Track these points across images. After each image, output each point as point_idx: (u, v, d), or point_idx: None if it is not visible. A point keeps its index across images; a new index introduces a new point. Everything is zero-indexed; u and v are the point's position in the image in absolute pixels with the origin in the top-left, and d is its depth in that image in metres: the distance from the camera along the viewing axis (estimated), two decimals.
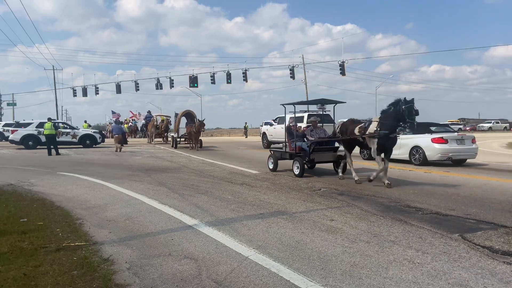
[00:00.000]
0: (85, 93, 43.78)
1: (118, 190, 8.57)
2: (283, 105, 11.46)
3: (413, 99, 8.35)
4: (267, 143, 23.59)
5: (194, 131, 21.55)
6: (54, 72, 52.11)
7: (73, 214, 6.46)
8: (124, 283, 3.59)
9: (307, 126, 11.90)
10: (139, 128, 43.10)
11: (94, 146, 24.33)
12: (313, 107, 13.84)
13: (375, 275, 3.66)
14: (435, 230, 5.17)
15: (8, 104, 57.79)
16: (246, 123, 50.54)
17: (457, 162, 13.47)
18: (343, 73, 37.05)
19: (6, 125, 33.50)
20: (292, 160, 10.79)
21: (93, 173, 11.47)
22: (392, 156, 14.36)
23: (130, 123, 43.50)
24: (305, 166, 10.77)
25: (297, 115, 21.00)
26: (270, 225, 5.53)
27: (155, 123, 30.00)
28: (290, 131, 11.32)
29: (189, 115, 24.66)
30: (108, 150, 21.86)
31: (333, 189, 8.48)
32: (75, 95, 44.80)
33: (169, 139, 29.24)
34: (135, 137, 41.45)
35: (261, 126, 30.26)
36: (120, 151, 20.55)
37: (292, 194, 7.91)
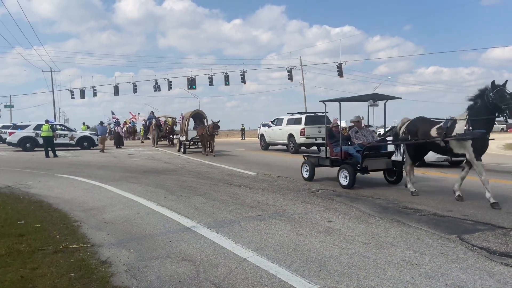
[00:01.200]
0: (83, 95, 43.72)
1: (116, 192, 8.56)
2: (323, 101, 9.91)
3: (506, 81, 6.68)
4: (265, 145, 23.61)
5: (207, 133, 18.69)
6: (52, 74, 52.08)
7: (71, 216, 6.45)
8: (122, 286, 3.59)
9: (350, 127, 10.04)
10: (139, 130, 42.68)
11: (91, 148, 24.28)
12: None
13: (373, 277, 3.67)
14: (433, 231, 5.17)
15: (6, 106, 57.70)
16: (242, 124, 50.56)
17: (455, 163, 13.49)
18: (340, 74, 37.11)
19: (3, 127, 33.40)
20: (338, 168, 9.09)
21: (90, 175, 11.45)
22: None
23: (128, 125, 42.96)
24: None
25: (295, 116, 21.20)
26: (268, 226, 5.52)
27: (155, 124, 27.92)
28: (332, 133, 9.89)
29: (198, 115, 21.63)
30: (106, 152, 21.81)
31: (331, 190, 8.49)
32: (73, 97, 44.73)
33: (175, 142, 26.49)
34: (134, 139, 40.86)
35: (259, 127, 30.29)
36: (103, 152, 21.55)
37: (290, 196, 7.91)
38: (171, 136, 28.75)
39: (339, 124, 10.10)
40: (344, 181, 8.77)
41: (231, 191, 8.51)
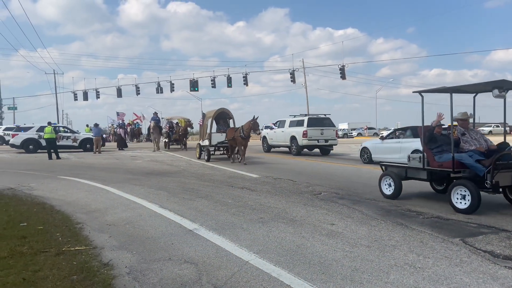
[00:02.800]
0: (86, 97, 43.82)
1: (118, 194, 8.56)
2: (419, 92, 7.51)
3: None
4: (267, 147, 23.59)
5: (243, 136, 14.91)
6: (55, 76, 52.40)
7: (73, 218, 6.45)
8: None
9: (455, 126, 7.42)
10: (144, 131, 42.07)
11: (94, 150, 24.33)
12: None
13: (376, 280, 3.65)
14: (436, 234, 5.15)
15: (9, 108, 57.93)
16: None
17: None
18: (343, 77, 37.11)
19: (6, 129, 33.57)
20: (451, 185, 6.63)
21: (93, 177, 11.46)
22: (392, 160, 14.43)
23: (132, 126, 42.21)
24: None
25: (297, 118, 21.20)
26: (270, 229, 5.51)
27: (154, 125, 24.43)
28: (433, 136, 7.39)
29: (222, 115, 17.99)
30: (108, 154, 21.86)
31: (333, 193, 8.46)
32: (76, 99, 44.89)
33: (194, 148, 22.38)
34: (138, 141, 40.28)
35: (262, 129, 30.31)
36: (99, 153, 22.19)
37: (292, 198, 7.89)
38: (184, 139, 26.12)
39: (447, 123, 7.69)
40: (463, 205, 6.35)
41: (233, 194, 8.50)
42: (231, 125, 17.62)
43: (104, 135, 31.78)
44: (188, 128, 26.18)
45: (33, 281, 3.71)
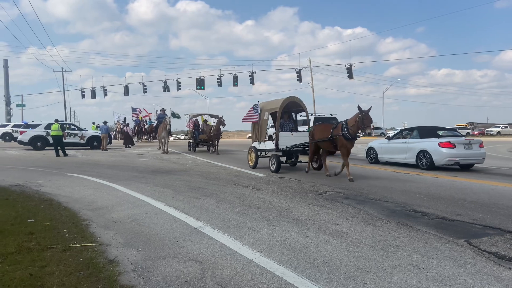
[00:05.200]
0: (93, 95, 44.17)
1: (124, 192, 8.63)
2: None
3: None
4: None
5: (348, 135, 10.40)
6: (62, 74, 52.74)
7: (80, 215, 6.52)
8: (129, 285, 3.62)
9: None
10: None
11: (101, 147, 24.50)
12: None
13: (380, 280, 3.65)
14: (441, 235, 5.14)
15: (17, 105, 58.37)
16: None
17: (465, 167, 13.37)
18: (350, 76, 36.99)
19: (15, 126, 33.86)
20: None
21: (100, 175, 11.55)
22: (398, 160, 14.41)
23: (143, 123, 38.73)
24: None
25: (303, 118, 21.12)
26: (275, 228, 5.53)
27: (167, 126, 20.97)
28: None
29: (292, 104, 13.20)
30: (115, 152, 22.00)
31: (338, 192, 8.46)
32: (83, 97, 45.27)
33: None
34: (151, 139, 37.09)
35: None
36: (105, 149, 22.63)
37: (297, 198, 7.90)
38: (216, 141, 21.30)
39: None
40: None
41: (238, 192, 8.53)
42: (307, 118, 14.25)
43: (110, 133, 31.18)
44: (221, 127, 21.00)
45: (39, 277, 3.76)
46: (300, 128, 14.38)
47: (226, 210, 6.70)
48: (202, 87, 40.77)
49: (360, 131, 10.41)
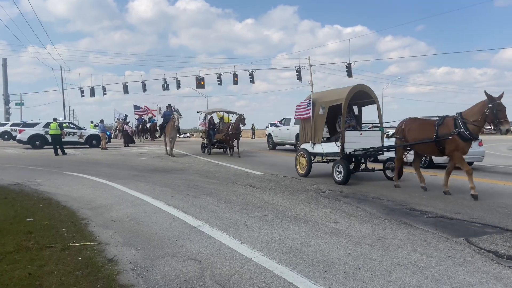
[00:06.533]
0: (93, 94, 44.01)
1: (123, 191, 8.61)
2: None
3: None
4: (272, 145, 23.62)
5: (455, 134, 7.65)
6: (61, 73, 52.66)
7: (79, 214, 6.51)
8: (128, 284, 3.61)
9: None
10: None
11: (100, 146, 24.48)
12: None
13: (379, 279, 3.65)
14: (440, 233, 5.13)
15: (16, 104, 58.28)
16: (253, 124, 50.70)
17: None
18: (349, 74, 36.91)
19: (13, 124, 33.81)
20: None
21: (99, 173, 11.54)
22: None
23: (148, 122, 37.57)
24: None
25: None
26: (274, 227, 5.52)
27: (176, 123, 17.94)
28: None
29: (360, 95, 10.38)
30: (114, 151, 21.98)
31: (338, 191, 8.46)
32: (83, 95, 45.12)
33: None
34: (154, 138, 35.99)
35: (267, 127, 30.29)
36: (105, 148, 22.89)
37: (296, 196, 7.90)
38: (235, 141, 18.50)
39: None
40: None
41: (237, 191, 8.52)
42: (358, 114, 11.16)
43: (108, 132, 30.85)
44: (241, 125, 18.13)
45: (38, 276, 3.75)
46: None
47: (225, 209, 6.69)
48: (202, 86, 40.62)
49: (492, 127, 7.54)
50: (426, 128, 8.41)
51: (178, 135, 19.45)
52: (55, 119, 20.35)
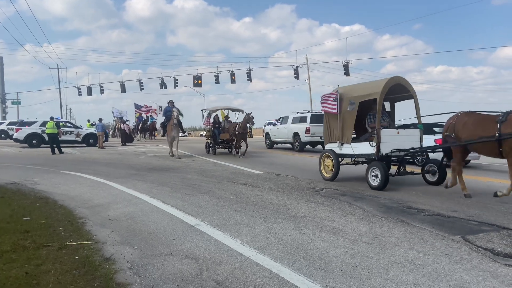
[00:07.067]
0: (90, 92, 43.87)
1: (120, 189, 8.60)
2: None
3: None
4: (270, 143, 23.62)
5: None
6: (58, 71, 52.49)
7: (76, 213, 6.50)
8: (125, 282, 3.61)
9: None
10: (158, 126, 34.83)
11: (97, 145, 24.43)
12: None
13: (376, 277, 3.66)
14: (437, 231, 5.15)
15: (13, 103, 58.09)
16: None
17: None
18: (347, 73, 36.95)
19: (10, 123, 33.71)
20: None
21: (96, 172, 11.51)
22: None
23: (147, 120, 37.18)
24: None
25: (300, 115, 21.18)
26: (271, 225, 5.53)
27: (174, 120, 16.35)
28: None
29: (397, 88, 9.37)
30: (112, 149, 21.93)
31: (335, 189, 8.47)
32: (80, 94, 44.98)
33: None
34: (153, 137, 35.85)
35: (264, 126, 30.30)
36: (102, 147, 22.88)
37: (294, 195, 7.91)
38: (243, 141, 17.29)
39: None
40: None
41: (235, 190, 8.52)
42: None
43: (106, 131, 30.52)
44: (249, 125, 17.19)
45: (35, 275, 3.74)
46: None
47: (223, 208, 6.69)
48: (200, 84, 40.55)
49: None
50: (485, 124, 7.19)
51: (181, 133, 17.85)
52: (51, 118, 20.29)
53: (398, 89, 9.35)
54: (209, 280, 3.64)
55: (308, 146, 20.55)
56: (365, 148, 9.04)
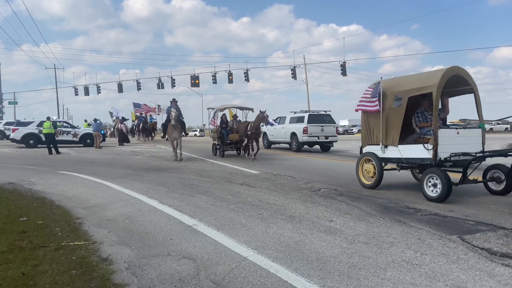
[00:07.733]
0: (87, 92, 43.84)
1: (118, 190, 8.58)
2: None
3: None
4: (267, 143, 23.62)
5: None
6: (55, 71, 52.45)
7: (73, 213, 6.48)
8: (123, 283, 3.60)
9: None
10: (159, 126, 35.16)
11: (94, 145, 24.37)
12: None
13: (373, 276, 3.66)
14: (434, 231, 5.16)
15: (10, 103, 57.95)
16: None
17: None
18: (344, 73, 37.06)
19: (7, 123, 33.60)
20: None
21: (93, 172, 11.49)
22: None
23: (148, 120, 36.10)
24: None
25: (298, 115, 21.20)
26: (269, 225, 5.53)
27: (172, 122, 15.00)
28: None
29: (456, 79, 7.77)
30: (109, 149, 21.88)
31: (332, 189, 8.48)
32: (77, 94, 44.94)
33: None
34: (152, 137, 34.94)
35: (262, 126, 30.26)
36: (99, 147, 23.02)
37: (291, 195, 7.91)
38: (254, 143, 15.99)
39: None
40: None
41: (232, 190, 8.52)
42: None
43: (102, 131, 30.05)
44: (263, 125, 15.92)
45: (32, 276, 3.73)
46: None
47: (221, 208, 6.69)
48: (197, 84, 40.56)
49: None
50: None
51: (183, 134, 16.49)
52: (48, 118, 20.23)
53: (455, 82, 7.93)
54: (206, 280, 3.64)
55: (305, 146, 20.58)
56: (417, 151, 7.64)
